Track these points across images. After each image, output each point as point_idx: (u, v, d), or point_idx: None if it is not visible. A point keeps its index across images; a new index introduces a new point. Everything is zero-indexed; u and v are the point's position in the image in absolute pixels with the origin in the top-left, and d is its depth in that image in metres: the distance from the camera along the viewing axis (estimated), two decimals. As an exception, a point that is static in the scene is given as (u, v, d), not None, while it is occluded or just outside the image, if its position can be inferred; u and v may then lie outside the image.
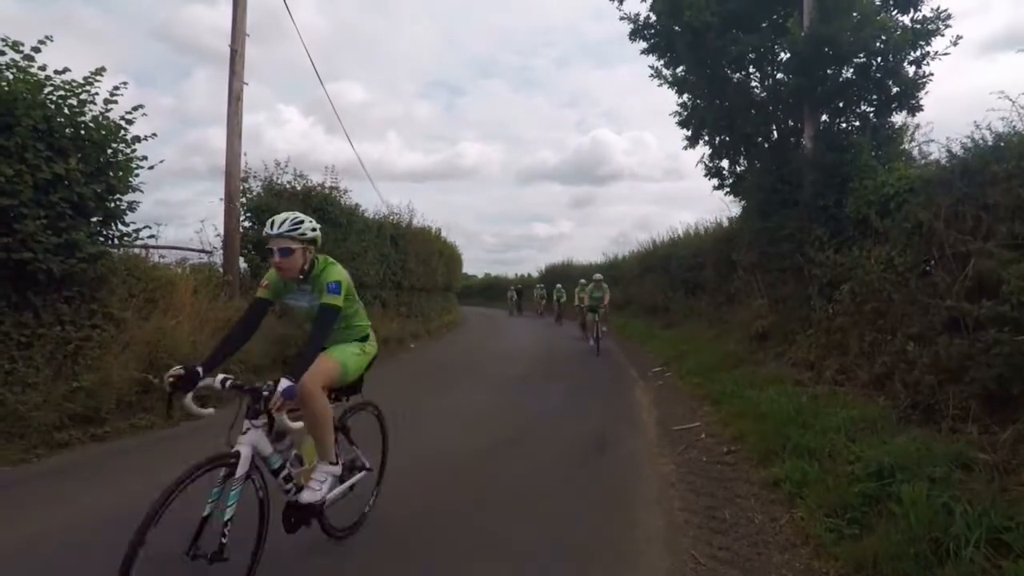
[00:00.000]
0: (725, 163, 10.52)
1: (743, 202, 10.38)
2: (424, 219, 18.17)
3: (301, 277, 2.75)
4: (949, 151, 5.70)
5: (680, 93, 10.64)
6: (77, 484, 4.12)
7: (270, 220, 2.69)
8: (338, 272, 2.80)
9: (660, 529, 3.43)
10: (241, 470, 2.33)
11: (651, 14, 9.62)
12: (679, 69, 10.22)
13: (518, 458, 4.86)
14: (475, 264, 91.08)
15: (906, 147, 7.33)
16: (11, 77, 5.37)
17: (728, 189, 10.66)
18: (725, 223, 12.52)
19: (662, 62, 10.33)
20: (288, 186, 10.23)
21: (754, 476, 4.03)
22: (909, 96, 7.25)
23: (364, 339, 3.10)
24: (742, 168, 10.39)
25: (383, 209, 14.87)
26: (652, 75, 10.58)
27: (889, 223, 5.62)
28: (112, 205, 6.29)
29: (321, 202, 10.56)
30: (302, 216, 2.74)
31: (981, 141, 5.03)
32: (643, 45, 10.07)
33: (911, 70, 7.19)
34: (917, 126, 7.39)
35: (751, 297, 8.72)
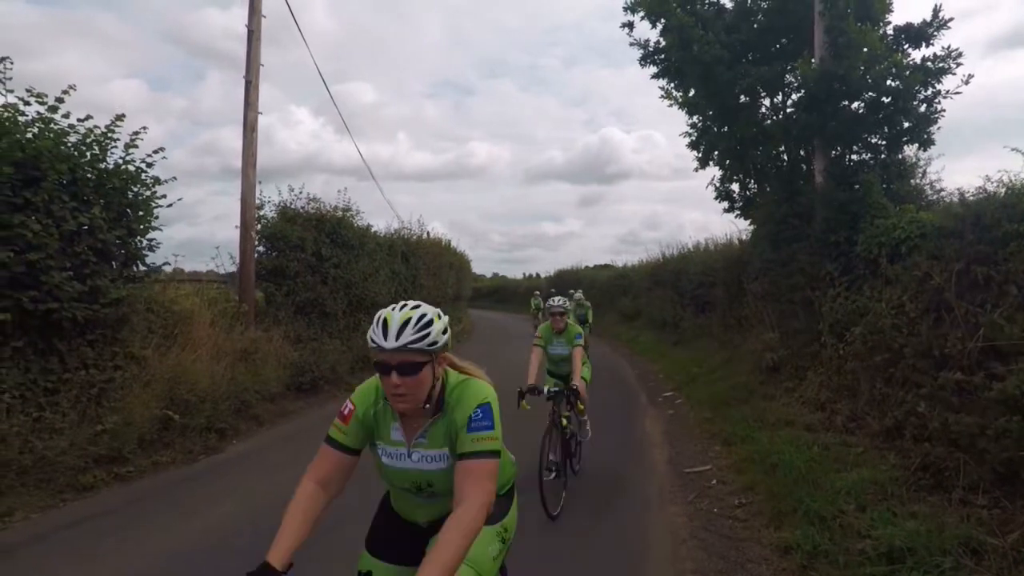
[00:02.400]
0: (735, 187, 10.53)
1: (752, 225, 10.41)
2: (433, 230, 18.31)
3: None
4: (961, 195, 5.75)
5: (691, 114, 10.68)
6: (105, 537, 4.22)
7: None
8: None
9: (673, 596, 3.51)
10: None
11: (661, 39, 9.65)
12: (690, 93, 10.24)
13: (529, 503, 4.91)
14: (483, 264, 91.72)
15: (917, 182, 7.34)
16: (36, 131, 5.49)
17: (738, 212, 10.68)
18: (736, 243, 12.56)
19: (672, 85, 10.35)
20: (302, 211, 10.34)
21: (765, 537, 4.08)
22: (920, 131, 7.25)
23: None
24: (752, 191, 10.41)
25: (391, 215, 14.95)
26: (662, 96, 10.61)
27: (899, 269, 5.65)
28: (133, 246, 6.44)
29: (334, 226, 10.69)
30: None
31: (993, 193, 5.06)
32: (653, 69, 10.12)
33: (922, 107, 7.19)
34: (929, 160, 7.40)
35: (762, 325, 8.75)
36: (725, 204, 10.81)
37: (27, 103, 5.58)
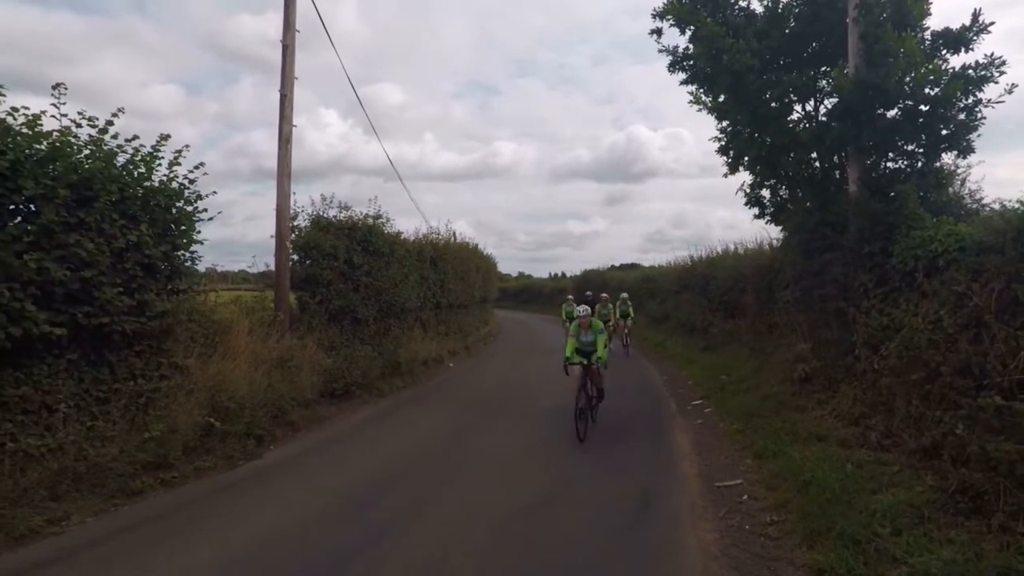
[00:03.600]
0: (766, 193, 10.41)
1: (783, 232, 10.29)
2: (460, 232, 18.45)
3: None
4: (1003, 207, 5.62)
5: (720, 119, 10.59)
6: (158, 544, 4.41)
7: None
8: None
9: (705, 618, 3.53)
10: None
11: (690, 46, 9.59)
12: (720, 98, 10.16)
13: (559, 518, 4.96)
14: (509, 263, 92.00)
15: (956, 191, 7.17)
16: (88, 152, 5.74)
17: (769, 218, 10.55)
18: (767, 248, 12.41)
19: (702, 90, 10.27)
20: (335, 220, 10.57)
21: (798, 558, 4.08)
22: (960, 138, 7.07)
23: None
24: (784, 197, 10.28)
25: (418, 214, 15.06)
26: (691, 101, 10.53)
27: (937, 283, 5.55)
28: (177, 260, 6.70)
29: (365, 234, 10.90)
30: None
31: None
32: (682, 75, 10.05)
33: (962, 115, 7.01)
34: (968, 168, 7.21)
35: (793, 335, 8.65)
36: (755, 211, 10.71)
37: (79, 125, 5.85)
